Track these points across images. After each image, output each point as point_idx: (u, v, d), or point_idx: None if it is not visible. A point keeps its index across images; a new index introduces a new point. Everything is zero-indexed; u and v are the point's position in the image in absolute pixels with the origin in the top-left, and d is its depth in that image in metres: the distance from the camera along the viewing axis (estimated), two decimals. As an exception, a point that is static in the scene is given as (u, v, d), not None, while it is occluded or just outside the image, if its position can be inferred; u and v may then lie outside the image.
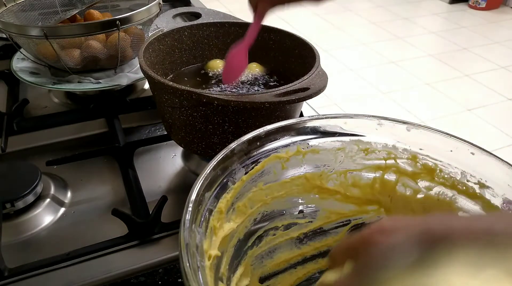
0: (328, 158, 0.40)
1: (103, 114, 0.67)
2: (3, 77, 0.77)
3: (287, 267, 0.41)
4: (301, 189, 0.40)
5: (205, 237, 0.30)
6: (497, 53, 2.74)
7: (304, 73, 0.50)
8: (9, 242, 0.47)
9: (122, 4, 0.86)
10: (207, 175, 0.32)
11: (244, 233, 0.37)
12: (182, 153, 0.62)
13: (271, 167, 0.37)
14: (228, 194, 0.34)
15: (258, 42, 0.64)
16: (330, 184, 0.40)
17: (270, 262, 0.40)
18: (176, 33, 0.61)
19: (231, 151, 0.35)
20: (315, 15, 3.24)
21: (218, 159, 0.34)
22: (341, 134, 0.39)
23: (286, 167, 0.38)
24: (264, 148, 0.37)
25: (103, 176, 0.58)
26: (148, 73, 0.48)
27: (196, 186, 0.31)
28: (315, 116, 0.39)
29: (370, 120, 0.39)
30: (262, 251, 0.39)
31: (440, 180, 0.38)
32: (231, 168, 0.35)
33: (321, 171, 0.40)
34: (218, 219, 0.33)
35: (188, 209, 0.30)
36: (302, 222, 0.41)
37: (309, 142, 0.39)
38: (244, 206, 0.36)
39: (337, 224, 0.42)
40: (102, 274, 0.44)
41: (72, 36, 0.63)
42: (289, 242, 0.41)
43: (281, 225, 0.40)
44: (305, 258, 0.42)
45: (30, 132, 0.64)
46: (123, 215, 0.47)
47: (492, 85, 2.38)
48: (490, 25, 3.12)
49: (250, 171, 0.36)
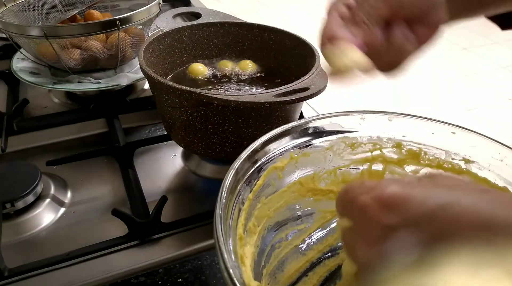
0: (319, 159, 0.40)
1: (103, 114, 0.67)
2: (3, 77, 0.77)
3: (300, 276, 0.41)
4: (297, 195, 0.40)
5: (241, 270, 0.29)
6: (497, 53, 2.74)
7: (304, 73, 0.50)
8: (9, 242, 0.47)
9: (122, 4, 0.86)
10: (224, 203, 0.31)
11: (257, 254, 0.36)
12: (182, 153, 0.62)
13: (270, 179, 0.38)
14: (241, 217, 0.33)
15: (258, 42, 0.64)
16: (322, 184, 0.41)
17: (282, 275, 0.40)
18: (176, 33, 0.61)
19: (236, 171, 0.34)
20: (315, 15, 3.24)
21: (229, 183, 0.32)
22: (328, 134, 0.40)
23: (282, 176, 0.38)
24: (261, 161, 0.37)
25: (103, 176, 0.58)
26: (148, 73, 0.48)
27: (217, 219, 0.29)
28: (303, 120, 0.40)
29: (353, 116, 0.40)
30: (273, 267, 0.39)
31: (425, 163, 0.39)
32: (239, 189, 0.34)
33: (313, 173, 0.40)
34: (240, 246, 0.32)
35: (220, 245, 0.27)
36: (301, 228, 0.41)
37: (300, 146, 0.39)
38: (253, 226, 0.36)
39: (333, 222, 0.42)
40: (102, 274, 0.44)
41: (72, 36, 0.63)
42: (294, 251, 0.41)
43: (284, 235, 0.40)
44: (313, 263, 0.42)
45: (30, 132, 0.64)
46: (123, 215, 0.47)
47: (492, 85, 2.38)
48: (490, 25, 3.11)
49: (254, 188, 0.36)
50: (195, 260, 0.45)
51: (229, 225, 0.30)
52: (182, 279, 0.43)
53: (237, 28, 0.64)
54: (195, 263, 0.45)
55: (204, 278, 0.44)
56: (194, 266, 0.45)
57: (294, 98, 0.45)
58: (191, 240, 0.47)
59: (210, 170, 0.58)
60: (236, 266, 0.27)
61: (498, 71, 2.54)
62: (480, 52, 2.75)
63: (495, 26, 0.44)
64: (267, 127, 0.50)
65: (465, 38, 2.91)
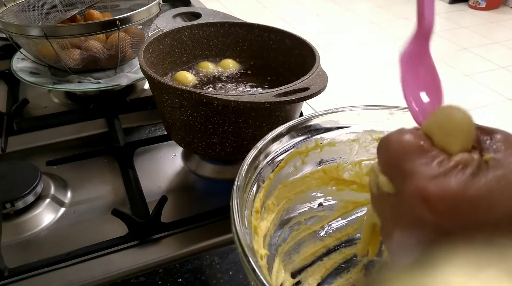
0: (344, 150, 0.40)
1: (103, 114, 0.67)
2: (3, 77, 0.77)
3: (314, 260, 0.42)
4: (319, 182, 0.40)
5: (252, 237, 0.31)
6: (497, 53, 2.74)
7: (304, 73, 0.50)
8: (9, 242, 0.47)
9: (122, 4, 0.86)
10: (243, 176, 0.32)
11: (274, 231, 0.38)
12: (182, 153, 0.62)
13: (293, 163, 0.38)
14: (260, 193, 0.35)
15: (258, 42, 0.64)
16: (345, 175, 0.41)
17: (298, 256, 0.41)
18: (176, 33, 0.61)
19: (259, 150, 0.35)
20: (315, 15, 3.25)
21: (249, 160, 0.34)
22: (355, 126, 0.40)
23: (306, 162, 0.39)
24: (285, 145, 0.38)
25: (103, 176, 0.58)
26: (148, 73, 0.48)
27: (235, 189, 0.31)
28: (330, 109, 0.40)
29: (382, 110, 0.40)
30: (289, 247, 0.40)
31: None
32: (260, 167, 0.35)
33: (338, 163, 0.40)
34: (256, 219, 0.33)
35: (234, 211, 0.29)
36: (321, 215, 0.42)
37: (325, 135, 0.39)
38: (272, 204, 0.37)
39: (354, 212, 0.43)
40: (102, 274, 0.44)
41: (72, 36, 0.63)
42: (312, 236, 0.42)
43: (303, 219, 0.41)
44: (329, 249, 0.43)
45: (30, 132, 0.64)
46: (123, 215, 0.47)
47: (492, 85, 2.38)
48: (490, 25, 3.12)
49: (275, 169, 0.37)
50: (195, 260, 0.45)
51: (246, 198, 0.32)
52: (182, 279, 0.43)
53: (237, 28, 0.64)
54: (195, 263, 0.45)
55: (204, 278, 0.44)
56: (194, 266, 0.45)
57: (294, 98, 0.45)
58: (191, 240, 0.47)
59: (210, 170, 0.58)
60: (247, 233, 0.28)
61: (498, 71, 2.54)
62: (480, 52, 2.75)
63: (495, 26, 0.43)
64: (267, 127, 0.50)
65: (465, 38, 2.91)
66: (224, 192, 0.56)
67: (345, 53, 2.70)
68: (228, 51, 0.65)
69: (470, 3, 3.43)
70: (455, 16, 3.31)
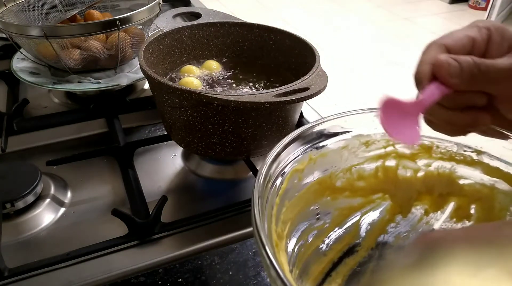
0: (335, 159, 0.40)
1: (103, 114, 0.67)
2: (3, 77, 0.77)
3: (324, 278, 0.41)
4: (316, 195, 0.40)
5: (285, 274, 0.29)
6: (497, 53, 2.73)
7: (304, 73, 0.50)
8: (9, 242, 0.47)
9: (122, 4, 0.86)
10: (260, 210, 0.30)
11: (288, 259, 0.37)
12: (182, 153, 0.62)
13: (292, 181, 0.38)
14: (272, 223, 0.33)
15: (258, 42, 0.64)
16: (338, 183, 0.41)
17: (308, 278, 0.40)
18: (176, 33, 0.61)
19: (264, 177, 0.33)
20: (315, 15, 3.25)
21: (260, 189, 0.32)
22: (343, 133, 0.40)
23: (302, 178, 0.39)
24: (282, 164, 0.37)
25: (103, 176, 0.58)
26: (148, 73, 0.48)
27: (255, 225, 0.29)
28: (319, 120, 0.40)
29: (367, 113, 0.40)
30: (299, 271, 0.39)
31: (438, 156, 0.40)
32: (267, 195, 0.34)
33: (330, 173, 0.40)
34: (278, 252, 0.32)
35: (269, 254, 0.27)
36: (320, 228, 0.42)
37: (317, 146, 0.39)
38: (281, 231, 0.36)
39: (349, 219, 0.43)
40: (102, 274, 0.44)
41: (72, 36, 0.63)
42: (315, 252, 0.41)
43: (305, 237, 0.41)
44: (334, 263, 0.42)
45: (30, 132, 0.64)
46: (123, 215, 0.47)
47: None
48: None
49: (279, 193, 0.36)
50: (195, 260, 0.45)
51: (265, 232, 0.30)
52: (182, 279, 0.43)
53: (237, 28, 0.64)
54: (195, 263, 0.45)
55: (204, 278, 0.44)
56: (194, 266, 0.45)
57: (294, 98, 0.45)
58: (191, 240, 0.48)
59: (210, 170, 0.58)
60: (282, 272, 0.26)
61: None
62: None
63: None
64: (267, 127, 0.50)
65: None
66: (224, 192, 0.56)
67: (345, 53, 2.70)
68: (228, 51, 0.65)
69: (470, 3, 3.43)
70: (455, 16, 3.31)
